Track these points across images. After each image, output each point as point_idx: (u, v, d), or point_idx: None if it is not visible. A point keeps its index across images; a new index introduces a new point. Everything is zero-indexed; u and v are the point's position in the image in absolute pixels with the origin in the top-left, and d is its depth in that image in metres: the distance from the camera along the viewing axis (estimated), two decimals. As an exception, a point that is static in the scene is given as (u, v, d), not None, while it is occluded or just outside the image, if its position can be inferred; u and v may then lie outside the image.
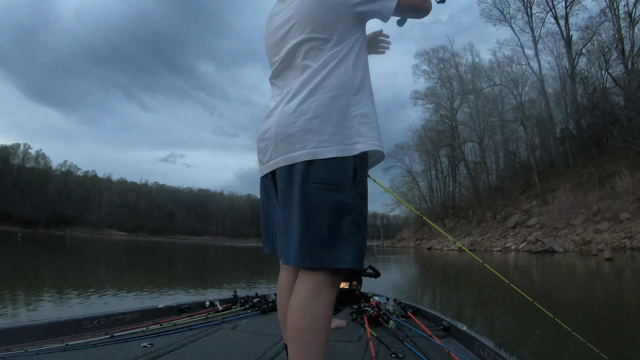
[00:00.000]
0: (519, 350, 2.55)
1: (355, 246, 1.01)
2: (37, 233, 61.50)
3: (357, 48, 1.14)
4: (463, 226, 39.74)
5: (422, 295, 7.52)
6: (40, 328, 1.84)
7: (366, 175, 1.11)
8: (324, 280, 1.01)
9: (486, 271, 2.16)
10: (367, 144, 1.07)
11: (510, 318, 5.01)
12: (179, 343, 1.84)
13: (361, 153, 1.06)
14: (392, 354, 1.74)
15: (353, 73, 1.11)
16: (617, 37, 30.43)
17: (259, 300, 2.87)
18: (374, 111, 1.14)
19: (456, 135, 46.66)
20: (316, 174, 1.02)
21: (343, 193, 1.02)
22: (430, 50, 48.25)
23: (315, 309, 0.98)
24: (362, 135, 1.07)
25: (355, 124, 1.07)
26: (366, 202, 1.08)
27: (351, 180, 1.03)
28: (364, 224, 1.05)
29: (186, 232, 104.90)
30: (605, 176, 25.35)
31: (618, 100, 31.74)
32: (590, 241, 18.96)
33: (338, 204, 1.01)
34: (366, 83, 1.15)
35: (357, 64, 1.13)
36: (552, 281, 9.50)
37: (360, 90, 1.11)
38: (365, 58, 1.18)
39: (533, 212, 28.69)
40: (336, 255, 0.99)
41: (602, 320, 4.69)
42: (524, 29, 38.25)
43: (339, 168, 1.03)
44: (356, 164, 1.05)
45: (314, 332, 0.97)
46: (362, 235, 1.03)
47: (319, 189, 1.01)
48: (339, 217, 1.01)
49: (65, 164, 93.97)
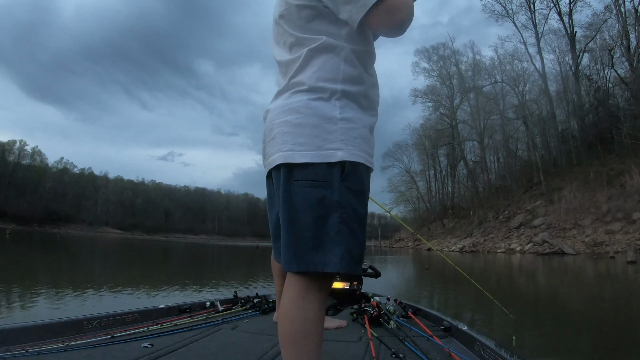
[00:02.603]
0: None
1: (342, 247, 0.95)
2: (31, 230, 61.21)
3: (345, 46, 1.04)
4: (464, 226, 38.99)
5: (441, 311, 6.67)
6: (40, 328, 1.83)
7: (363, 171, 1.01)
8: (311, 282, 0.97)
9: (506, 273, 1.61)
10: (349, 152, 0.98)
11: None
12: (180, 343, 1.83)
13: (342, 161, 0.98)
14: (393, 354, 1.74)
15: (338, 73, 1.03)
16: (622, 33, 29.90)
17: (260, 301, 2.87)
18: (366, 118, 1.06)
19: (456, 133, 46.20)
20: (300, 172, 0.99)
21: (328, 189, 0.96)
22: (430, 47, 47.84)
23: (305, 313, 0.95)
24: (346, 142, 0.99)
25: (339, 128, 1.00)
26: (363, 199, 1.01)
27: (338, 175, 0.97)
28: (356, 223, 0.98)
29: (182, 230, 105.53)
30: (613, 175, 24.64)
31: (624, 97, 31.34)
32: (602, 242, 18.16)
33: (322, 201, 0.96)
34: (357, 86, 1.04)
35: (345, 63, 1.04)
36: (589, 290, 8.01)
37: (347, 93, 1.03)
38: (360, 59, 1.06)
39: (538, 212, 27.93)
40: (322, 257, 0.95)
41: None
42: (526, 26, 37.81)
43: (322, 167, 0.98)
44: (336, 169, 0.98)
45: (305, 337, 0.95)
46: (352, 236, 0.97)
47: (302, 186, 0.98)
48: (324, 216, 0.96)
49: (62, 161, 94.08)
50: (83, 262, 13.01)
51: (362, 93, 1.06)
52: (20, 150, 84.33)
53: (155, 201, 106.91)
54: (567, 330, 4.18)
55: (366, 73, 1.07)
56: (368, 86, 1.07)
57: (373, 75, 1.11)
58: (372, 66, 1.11)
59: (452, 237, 37.73)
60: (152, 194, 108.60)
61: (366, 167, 1.02)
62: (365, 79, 1.07)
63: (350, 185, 0.97)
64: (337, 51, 1.03)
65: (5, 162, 79.69)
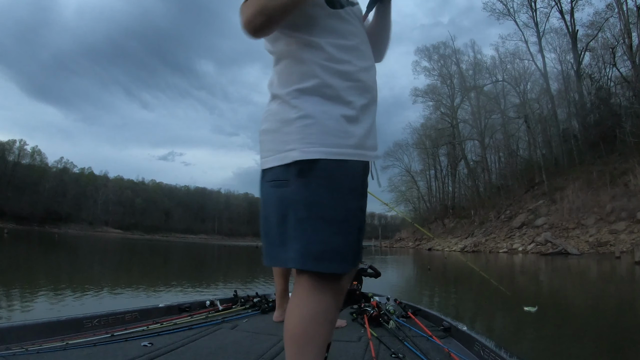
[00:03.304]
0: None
1: (300, 243, 0.95)
2: (31, 230, 61.04)
3: (294, 49, 1.04)
4: (465, 226, 38.76)
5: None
6: (40, 327, 1.83)
7: (328, 165, 0.98)
8: (317, 283, 0.97)
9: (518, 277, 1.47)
10: (303, 151, 0.97)
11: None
12: (179, 342, 1.83)
13: (298, 161, 0.97)
14: (393, 354, 1.74)
15: (292, 74, 1.03)
16: (624, 31, 29.72)
17: (260, 300, 2.87)
18: (334, 108, 1.00)
19: (457, 133, 46.01)
20: (267, 174, 1.04)
21: (286, 187, 0.99)
22: (431, 46, 47.54)
23: (307, 313, 0.96)
24: (301, 140, 0.98)
25: (294, 128, 0.99)
26: (330, 194, 0.96)
27: (295, 174, 0.97)
28: (319, 219, 0.95)
29: (182, 230, 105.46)
30: (617, 174, 24.37)
31: (625, 96, 31.08)
32: (606, 242, 17.94)
33: (282, 199, 0.99)
34: (312, 80, 1.01)
35: (297, 64, 1.03)
36: (597, 291, 7.83)
37: (303, 89, 1.01)
38: (310, 52, 1.03)
39: (540, 212, 27.65)
40: (285, 254, 0.98)
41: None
42: (527, 24, 37.60)
43: (282, 168, 1.01)
44: (292, 168, 0.99)
45: (305, 337, 0.95)
46: (313, 232, 0.95)
47: (270, 186, 1.03)
48: (285, 214, 0.98)
49: (61, 161, 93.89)
50: (80, 262, 12.95)
51: (321, 84, 1.01)
52: (20, 149, 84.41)
53: (155, 201, 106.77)
54: (583, 335, 3.98)
55: (322, 64, 1.02)
56: (328, 75, 1.02)
57: (337, 61, 1.03)
58: (332, 53, 1.03)
59: (452, 237, 37.53)
60: (152, 194, 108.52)
61: (336, 161, 0.97)
62: (320, 70, 1.02)
63: (310, 181, 0.96)
64: (290, 55, 1.05)
65: (5, 161, 79.64)
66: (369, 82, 1.08)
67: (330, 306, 0.99)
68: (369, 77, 1.09)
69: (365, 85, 1.06)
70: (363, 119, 1.04)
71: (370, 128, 1.06)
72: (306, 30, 1.04)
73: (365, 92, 1.06)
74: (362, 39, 1.12)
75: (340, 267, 0.97)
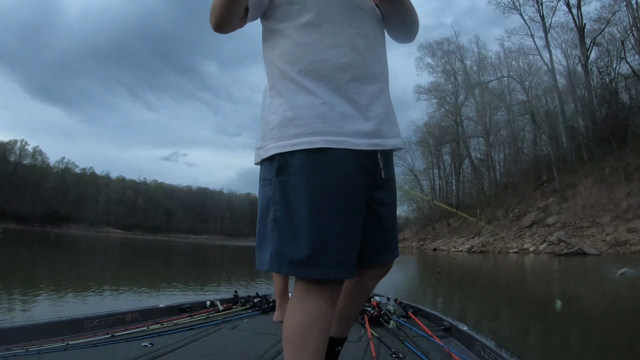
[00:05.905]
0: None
1: (273, 246, 0.93)
2: (30, 230, 60.86)
3: (275, 38, 1.02)
4: (470, 225, 37.94)
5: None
6: (41, 327, 1.84)
7: (299, 160, 0.94)
8: (311, 285, 0.94)
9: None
10: (265, 149, 0.98)
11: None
12: (180, 343, 1.83)
13: (273, 157, 0.96)
14: (393, 354, 1.74)
15: (275, 68, 1.01)
16: (632, 25, 29.15)
17: (260, 300, 2.86)
18: (302, 97, 0.95)
19: (461, 130, 45.35)
20: (260, 171, 1.05)
21: (269, 187, 0.97)
22: (434, 42, 46.70)
23: (300, 316, 0.94)
24: (264, 138, 0.99)
25: (263, 127, 1.01)
26: (301, 191, 0.91)
27: (274, 172, 0.96)
28: (289, 220, 0.91)
29: (184, 230, 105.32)
30: (631, 170, 23.55)
31: (635, 90, 30.34)
32: (625, 241, 17.20)
33: (266, 198, 0.98)
34: (278, 73, 0.99)
35: (278, 56, 1.01)
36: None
37: (273, 85, 1.01)
38: (275, 47, 1.01)
39: (551, 210, 26.73)
40: (263, 256, 0.96)
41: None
42: (533, 19, 36.84)
43: (264, 166, 1.02)
44: (272, 166, 0.97)
45: (300, 340, 0.93)
46: (287, 234, 0.91)
47: (261, 185, 1.02)
48: (267, 214, 0.97)
49: (63, 161, 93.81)
50: (76, 261, 12.67)
51: (285, 77, 0.98)
52: (21, 150, 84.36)
53: (157, 201, 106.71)
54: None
55: (284, 54, 0.98)
56: (288, 64, 0.97)
57: (303, 44, 0.96)
58: (296, 39, 0.97)
59: (458, 236, 36.77)
60: (154, 194, 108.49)
61: (312, 152, 0.90)
62: (279, 60, 0.99)
63: (285, 179, 0.93)
64: (271, 47, 1.03)
65: (6, 161, 79.57)
66: (340, 57, 0.94)
67: (326, 312, 0.94)
68: (339, 53, 0.94)
69: (337, 63, 0.94)
70: (338, 101, 0.92)
71: (356, 110, 0.93)
72: (272, 21, 1.01)
73: (339, 70, 0.94)
74: (326, 14, 0.97)
75: (328, 273, 0.89)
